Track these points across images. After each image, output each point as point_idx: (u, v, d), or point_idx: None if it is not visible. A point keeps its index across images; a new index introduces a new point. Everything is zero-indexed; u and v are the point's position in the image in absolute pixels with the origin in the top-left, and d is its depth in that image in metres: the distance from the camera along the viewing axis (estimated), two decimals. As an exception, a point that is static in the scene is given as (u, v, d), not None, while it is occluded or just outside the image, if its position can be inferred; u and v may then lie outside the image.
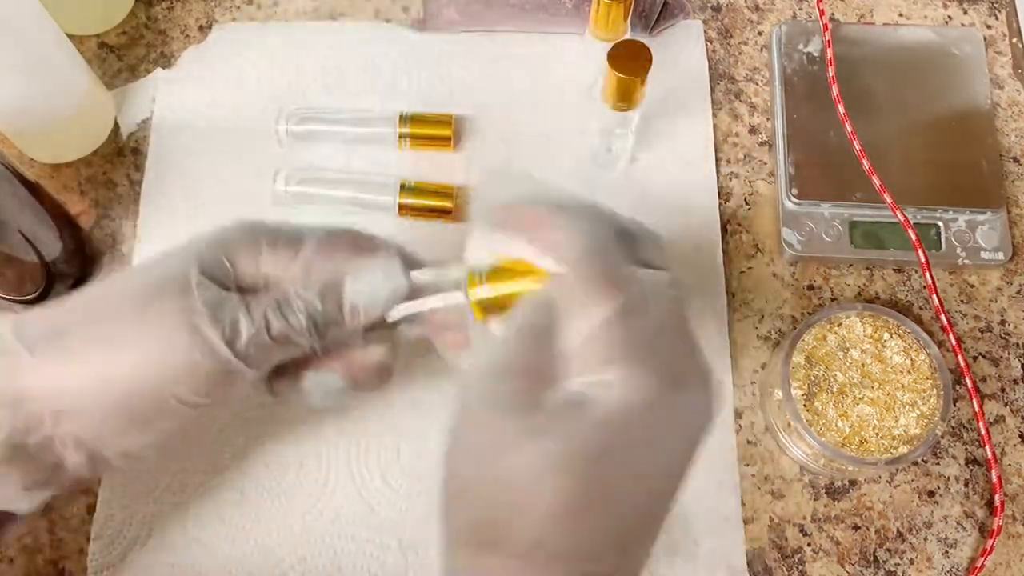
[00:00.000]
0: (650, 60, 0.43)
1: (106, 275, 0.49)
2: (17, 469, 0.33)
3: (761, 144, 0.53)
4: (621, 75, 0.43)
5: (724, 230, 0.51)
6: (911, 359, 0.43)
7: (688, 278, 0.50)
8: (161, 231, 0.51)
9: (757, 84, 0.54)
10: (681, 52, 0.55)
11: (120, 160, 0.52)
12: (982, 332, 0.49)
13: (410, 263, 0.36)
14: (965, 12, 0.56)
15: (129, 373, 0.32)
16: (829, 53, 0.52)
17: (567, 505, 0.28)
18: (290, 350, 0.34)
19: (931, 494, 0.46)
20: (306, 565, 0.44)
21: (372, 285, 0.34)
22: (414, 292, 0.35)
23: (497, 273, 0.33)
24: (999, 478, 0.45)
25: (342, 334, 0.35)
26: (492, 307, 0.33)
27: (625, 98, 0.45)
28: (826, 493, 0.46)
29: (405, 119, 0.51)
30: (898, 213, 0.48)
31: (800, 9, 0.56)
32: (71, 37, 0.49)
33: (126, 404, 0.32)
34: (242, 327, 0.32)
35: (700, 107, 0.54)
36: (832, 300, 0.50)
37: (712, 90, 0.54)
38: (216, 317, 0.32)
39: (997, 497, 0.45)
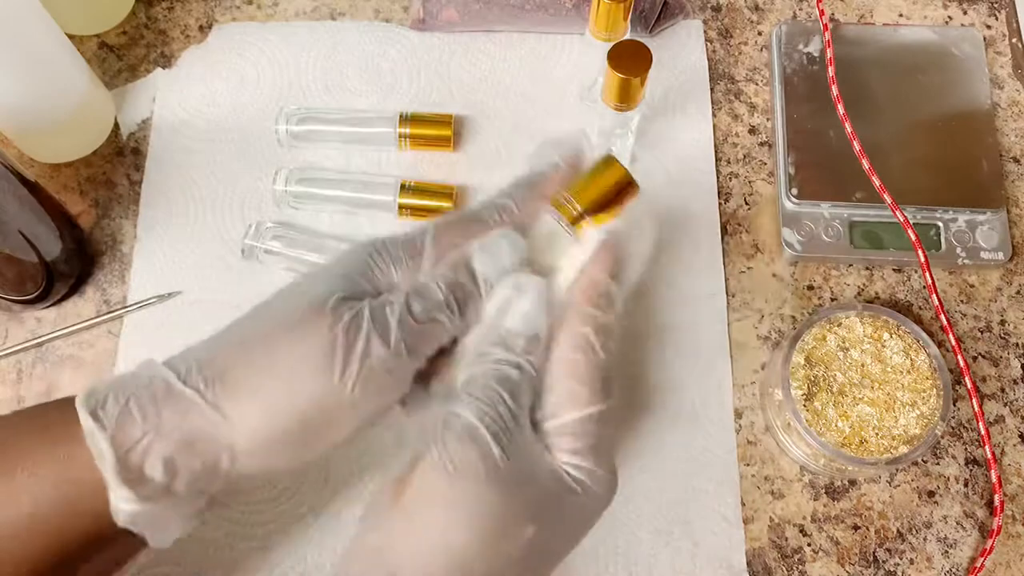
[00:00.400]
0: (650, 60, 0.43)
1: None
2: (187, 506, 0.33)
3: (761, 144, 0.53)
4: (621, 75, 0.43)
5: (724, 230, 0.51)
6: (911, 359, 0.43)
7: (688, 278, 0.50)
8: (161, 231, 0.51)
9: (757, 84, 0.54)
10: (681, 52, 0.55)
11: (120, 160, 0.52)
12: (982, 332, 0.49)
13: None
14: (965, 12, 0.56)
15: (299, 398, 0.32)
16: (829, 53, 0.52)
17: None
18: (436, 332, 0.34)
19: (931, 494, 0.46)
20: (305, 565, 0.44)
21: (497, 255, 0.35)
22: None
23: (579, 187, 0.36)
24: (999, 478, 0.45)
25: (475, 311, 0.35)
26: (586, 218, 0.36)
27: (625, 98, 0.45)
28: (826, 493, 0.46)
29: (405, 119, 0.51)
30: (898, 213, 0.48)
31: (800, 9, 0.56)
32: (71, 37, 0.49)
33: (300, 429, 0.33)
34: (390, 317, 0.33)
35: (700, 107, 0.54)
36: (832, 300, 0.50)
37: (712, 90, 0.54)
38: (365, 320, 0.33)
39: (997, 497, 0.45)
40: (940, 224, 0.50)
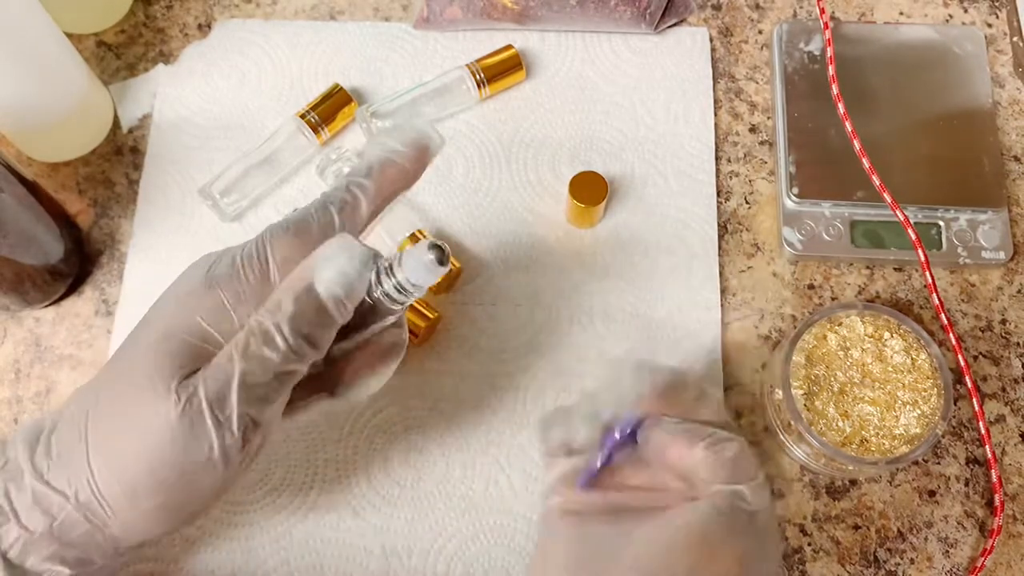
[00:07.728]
0: (605, 191, 0.47)
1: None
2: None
3: (761, 143, 0.53)
4: (580, 204, 0.47)
5: (724, 229, 0.51)
6: (912, 358, 0.43)
7: (686, 276, 0.49)
8: (158, 227, 0.50)
9: (758, 83, 0.54)
10: (686, 57, 0.54)
11: (118, 159, 0.52)
12: (983, 331, 0.49)
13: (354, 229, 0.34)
14: (966, 10, 0.56)
15: (156, 476, 0.31)
16: (830, 52, 0.52)
17: None
18: (291, 378, 0.32)
19: (931, 494, 0.46)
20: (289, 567, 0.44)
21: (340, 269, 0.31)
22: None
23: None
24: (999, 478, 0.45)
25: (332, 333, 0.32)
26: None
27: (585, 222, 0.50)
28: (827, 493, 0.46)
29: (474, 67, 0.52)
30: (898, 212, 0.48)
31: (801, 7, 0.56)
32: (69, 36, 0.49)
33: (166, 502, 0.32)
34: (231, 396, 0.30)
35: (703, 112, 0.53)
36: (832, 299, 0.50)
37: (713, 89, 0.54)
38: (206, 412, 0.30)
39: (997, 497, 0.45)
40: (941, 223, 0.50)
